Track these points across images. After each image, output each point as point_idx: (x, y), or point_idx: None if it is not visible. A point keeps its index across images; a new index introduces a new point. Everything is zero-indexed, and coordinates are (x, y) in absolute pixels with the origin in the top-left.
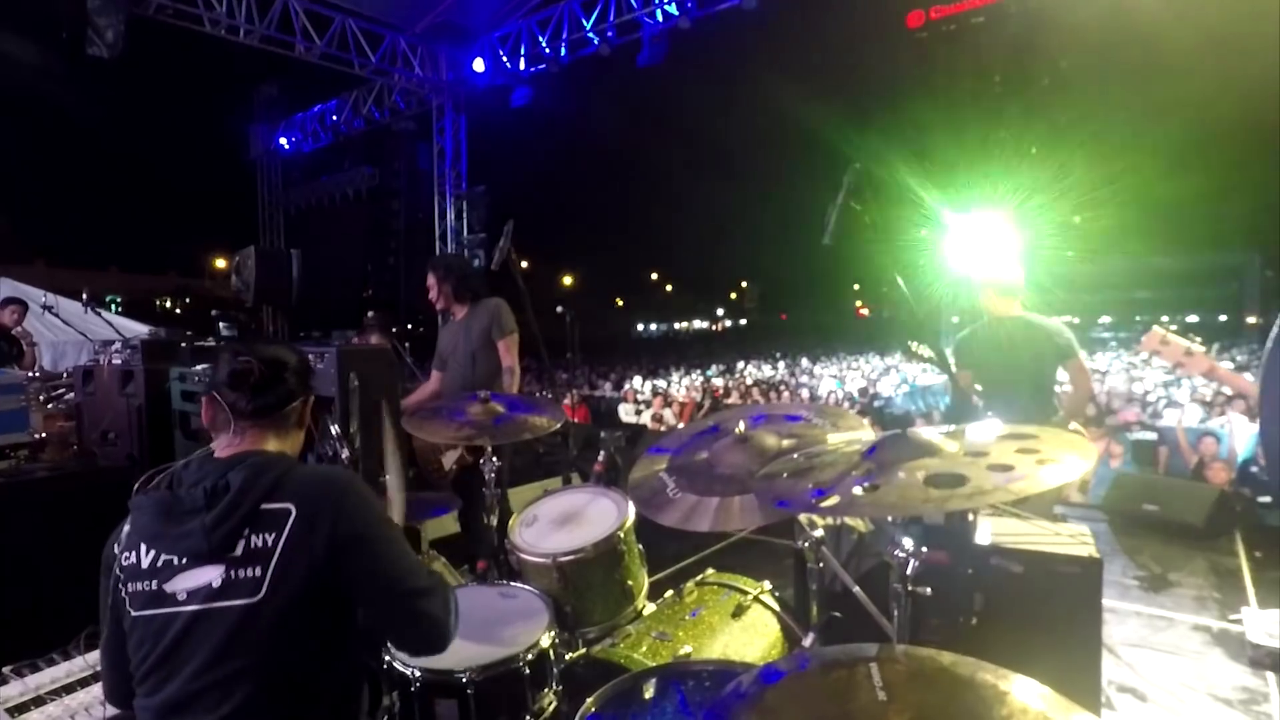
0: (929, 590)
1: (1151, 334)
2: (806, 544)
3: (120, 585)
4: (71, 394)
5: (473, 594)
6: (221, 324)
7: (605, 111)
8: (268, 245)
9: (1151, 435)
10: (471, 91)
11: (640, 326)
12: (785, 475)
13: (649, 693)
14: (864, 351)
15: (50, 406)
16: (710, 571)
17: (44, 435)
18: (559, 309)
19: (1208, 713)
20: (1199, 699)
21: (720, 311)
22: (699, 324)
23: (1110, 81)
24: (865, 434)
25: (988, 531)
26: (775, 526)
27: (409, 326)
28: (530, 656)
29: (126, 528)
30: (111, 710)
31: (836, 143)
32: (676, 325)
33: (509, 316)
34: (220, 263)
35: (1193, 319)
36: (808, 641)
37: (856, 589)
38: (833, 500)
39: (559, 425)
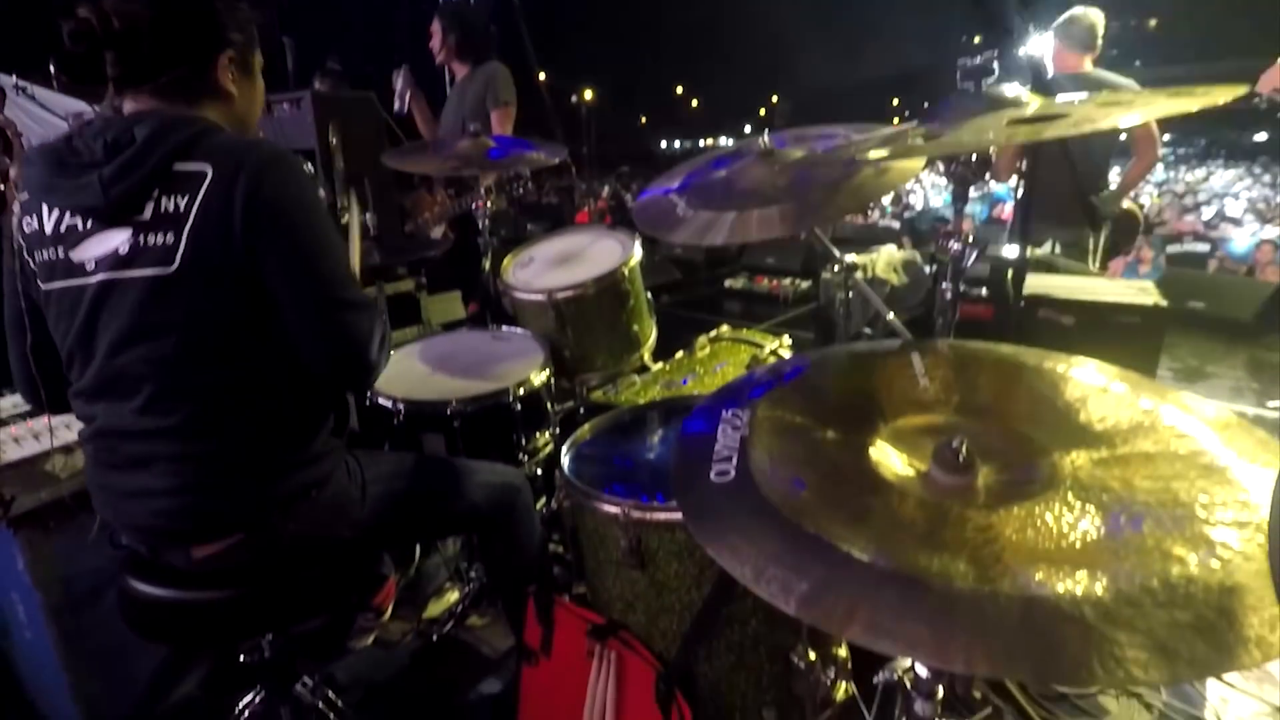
0: (984, 290)
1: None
2: (836, 269)
3: (27, 256)
4: None
5: (463, 337)
6: None
7: None
8: None
9: (1203, 246)
10: None
11: (664, 144)
12: (814, 166)
13: (649, 422)
14: None
15: None
16: (725, 328)
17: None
18: (572, 97)
19: None
20: None
21: (748, 129)
22: (725, 142)
23: None
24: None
25: (1037, 285)
26: (794, 319)
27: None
28: (521, 393)
29: (23, 193)
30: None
31: None
32: (701, 143)
33: (507, 86)
34: None
35: None
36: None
37: (890, 315)
38: (874, 152)
39: (557, 161)
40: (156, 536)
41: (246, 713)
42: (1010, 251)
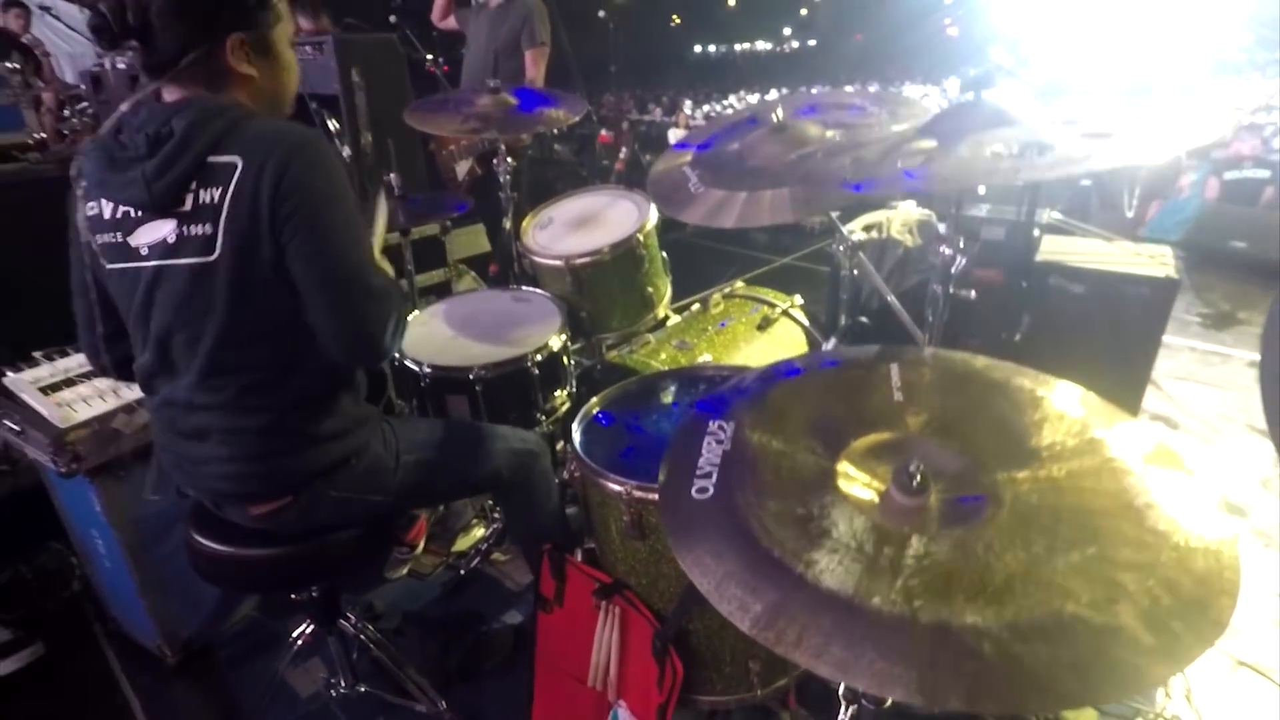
0: (973, 294)
1: None
2: (843, 248)
3: (91, 237)
4: (88, 105)
5: (485, 297)
6: None
7: None
8: None
9: (1263, 172)
10: None
11: (698, 49)
12: (820, 155)
13: (657, 394)
14: (946, 76)
15: (74, 120)
16: (739, 284)
17: (44, 135)
18: (600, 13)
19: (1238, 441)
20: (1234, 429)
21: (787, 31)
22: (762, 45)
23: None
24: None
25: (1052, 250)
26: (816, 254)
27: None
28: (540, 358)
29: (83, 181)
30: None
31: None
32: (737, 47)
33: (544, 24)
34: None
35: None
36: (828, 345)
37: (891, 298)
38: (870, 174)
39: (578, 118)
40: (218, 496)
41: (299, 642)
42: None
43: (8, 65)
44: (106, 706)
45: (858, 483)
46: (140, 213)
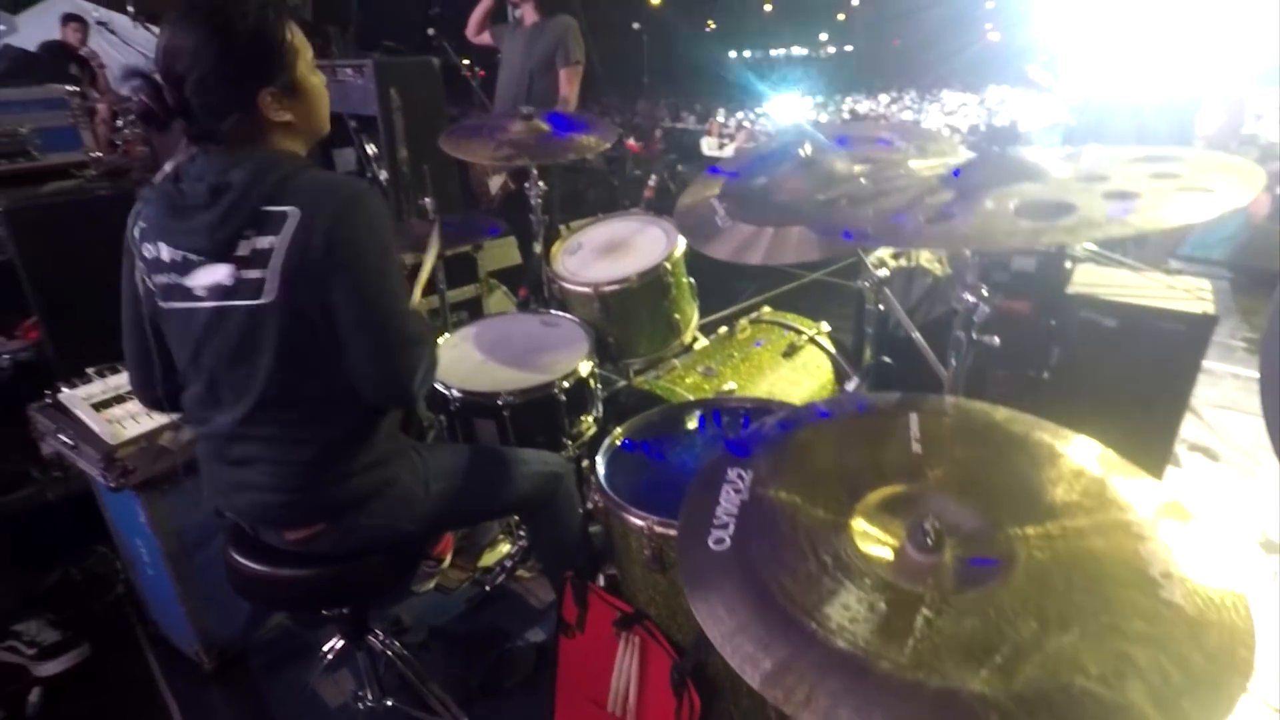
0: (996, 340)
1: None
2: (867, 284)
3: (147, 276)
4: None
5: (514, 321)
6: None
7: None
8: None
9: None
10: None
11: (733, 54)
12: (844, 201)
13: (681, 423)
14: (985, 84)
15: (127, 132)
16: (766, 309)
17: (100, 154)
18: (635, 25)
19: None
20: (1274, 461)
21: (824, 36)
22: (798, 51)
23: None
24: (954, 160)
25: (1085, 282)
26: (847, 268)
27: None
28: (567, 384)
29: (141, 223)
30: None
31: None
32: (773, 52)
33: (578, 43)
34: None
35: None
36: (851, 385)
37: (916, 335)
38: (892, 230)
39: (609, 145)
40: (256, 520)
41: (330, 655)
42: None
43: (67, 88)
44: (148, 709)
45: (872, 539)
46: (199, 257)
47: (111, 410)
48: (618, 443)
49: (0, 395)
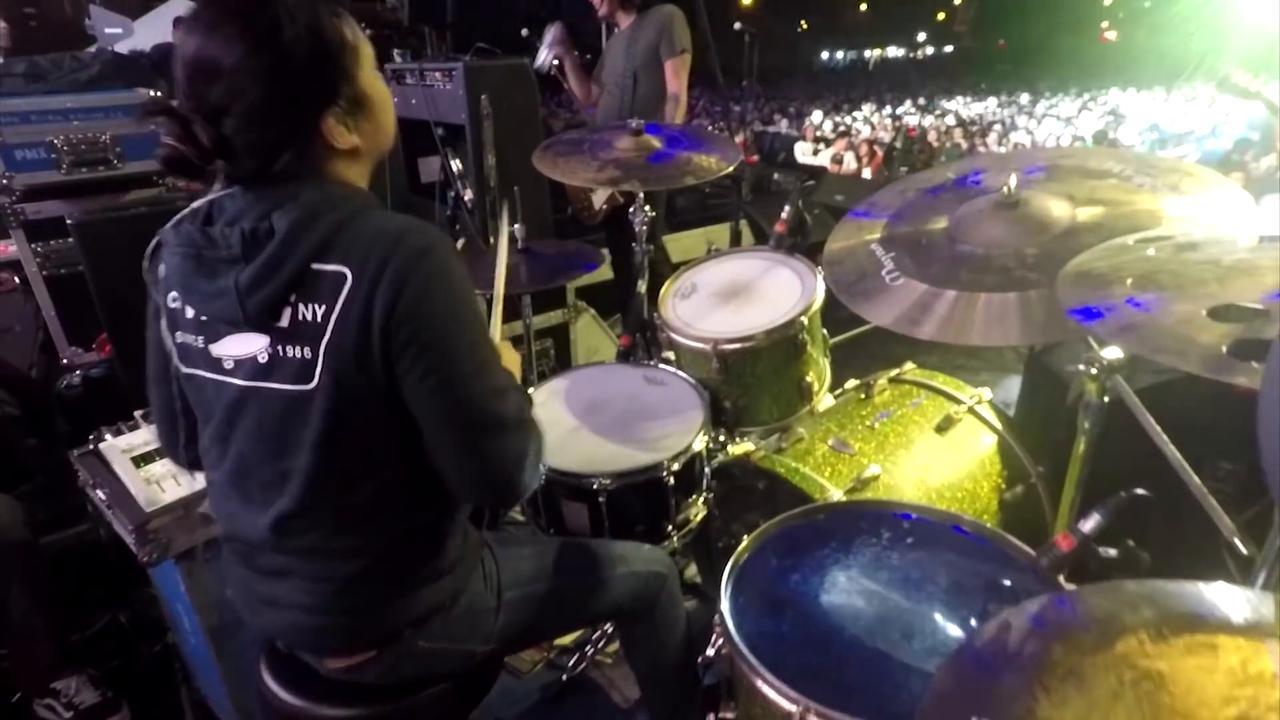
0: None
1: None
2: (1088, 368)
3: (168, 331)
4: None
5: (613, 375)
6: (394, 51)
7: None
8: None
9: None
10: None
11: (825, 55)
12: (1097, 270)
13: (829, 537)
14: (1105, 86)
15: None
16: (910, 366)
17: None
18: (736, 25)
19: None
20: None
21: (922, 36)
22: (894, 52)
23: None
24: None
25: None
26: None
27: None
28: (677, 466)
29: (162, 267)
30: None
31: None
32: (867, 53)
33: (683, 31)
34: None
35: None
36: (1088, 526)
37: (1174, 454)
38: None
39: (731, 168)
40: (291, 644)
41: None
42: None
43: (153, 93)
44: None
45: None
46: (227, 326)
47: (151, 469)
48: (744, 558)
49: (70, 414)
